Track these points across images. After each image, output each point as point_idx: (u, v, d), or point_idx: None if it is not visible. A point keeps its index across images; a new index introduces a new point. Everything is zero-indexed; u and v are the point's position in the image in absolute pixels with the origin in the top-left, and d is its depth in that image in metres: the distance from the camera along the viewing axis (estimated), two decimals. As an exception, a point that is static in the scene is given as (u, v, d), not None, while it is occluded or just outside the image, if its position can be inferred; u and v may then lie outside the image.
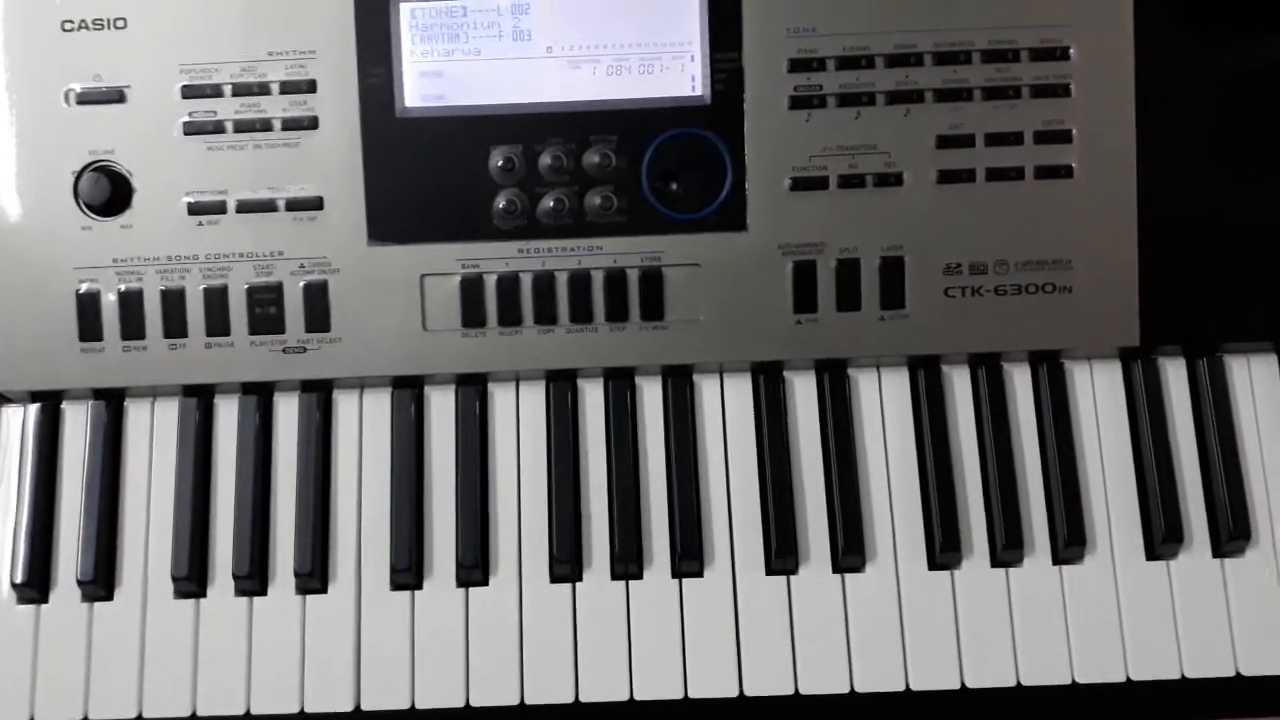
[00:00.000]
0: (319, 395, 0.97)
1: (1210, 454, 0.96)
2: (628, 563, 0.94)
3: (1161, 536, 0.93)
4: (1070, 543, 0.93)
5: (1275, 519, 0.95)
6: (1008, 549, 0.93)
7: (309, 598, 0.94)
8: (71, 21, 0.95)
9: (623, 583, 0.94)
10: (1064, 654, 0.92)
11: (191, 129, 0.95)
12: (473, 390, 0.97)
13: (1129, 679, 0.92)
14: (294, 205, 0.95)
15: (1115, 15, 0.94)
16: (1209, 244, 0.95)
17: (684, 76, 0.95)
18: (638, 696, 0.92)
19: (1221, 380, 0.97)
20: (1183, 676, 0.92)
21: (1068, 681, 0.92)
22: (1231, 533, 0.93)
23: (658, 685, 0.92)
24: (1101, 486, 0.96)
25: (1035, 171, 0.95)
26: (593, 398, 0.97)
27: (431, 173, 0.95)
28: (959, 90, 0.94)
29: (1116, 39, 0.94)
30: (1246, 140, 0.95)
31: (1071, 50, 0.95)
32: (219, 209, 0.95)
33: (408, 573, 0.93)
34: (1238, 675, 0.92)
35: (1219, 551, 0.94)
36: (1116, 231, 0.95)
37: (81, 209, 0.95)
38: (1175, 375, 0.98)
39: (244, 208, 0.95)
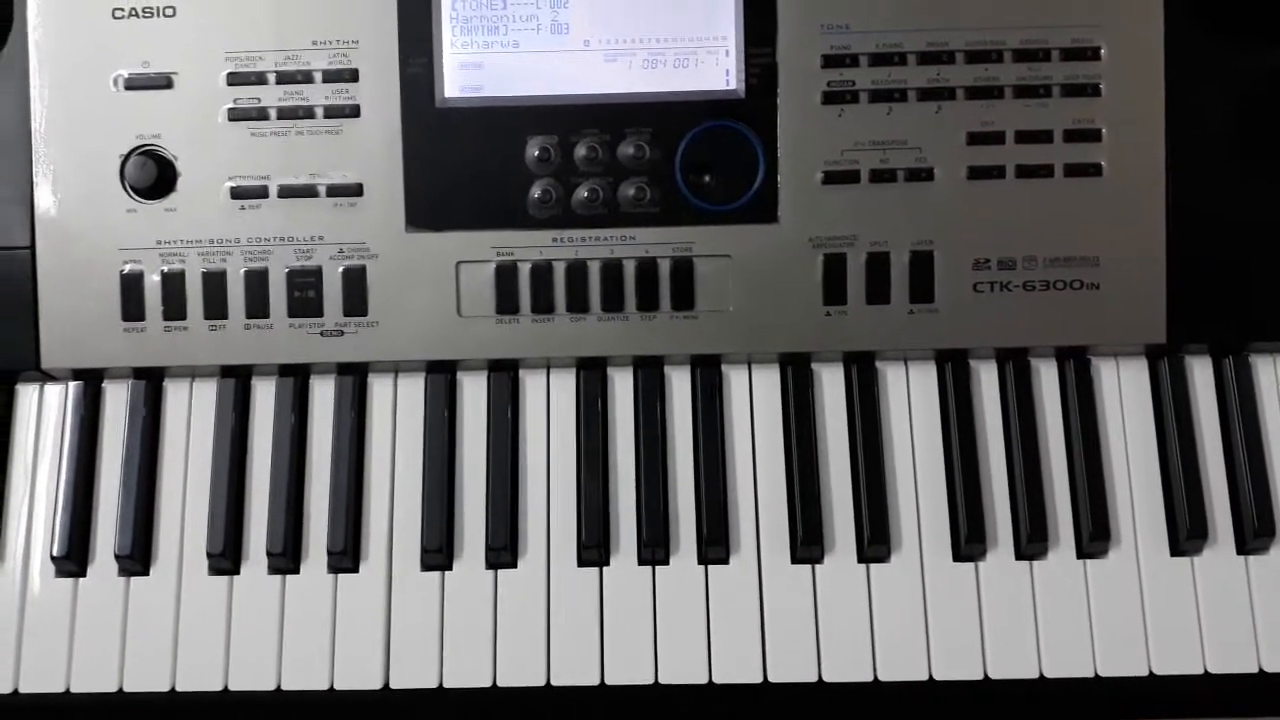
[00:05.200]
0: (355, 378, 0.98)
1: (1235, 452, 0.96)
2: (655, 548, 0.95)
3: (1186, 533, 0.94)
4: (1095, 537, 0.94)
5: (1300, 517, 0.96)
6: (1032, 542, 0.94)
7: (341, 576, 0.95)
8: (122, 9, 0.97)
9: (649, 568, 0.95)
10: (1087, 647, 0.93)
11: (236, 115, 0.97)
12: (505, 376, 0.98)
13: (1152, 673, 0.92)
14: (334, 191, 0.97)
15: (1146, 16, 0.95)
16: (1237, 244, 0.96)
17: (719, 71, 0.97)
18: (662, 680, 0.93)
19: (1247, 379, 0.97)
20: (1205, 671, 0.92)
21: (1090, 675, 0.92)
22: (1256, 530, 0.94)
23: (683, 670, 0.93)
24: (1126, 482, 0.96)
25: (1064, 169, 0.96)
26: (622, 385, 0.99)
27: (469, 162, 0.97)
28: (990, 88, 0.96)
29: (1147, 39, 0.96)
30: (1276, 140, 0.96)
31: (1102, 50, 0.96)
32: (261, 194, 0.97)
33: (438, 554, 0.95)
34: (1261, 672, 0.92)
35: (1243, 548, 0.95)
36: (1144, 230, 0.96)
37: (127, 192, 0.97)
38: (1201, 373, 0.98)
39: (285, 193, 0.97)
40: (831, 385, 0.99)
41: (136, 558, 0.95)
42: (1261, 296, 0.96)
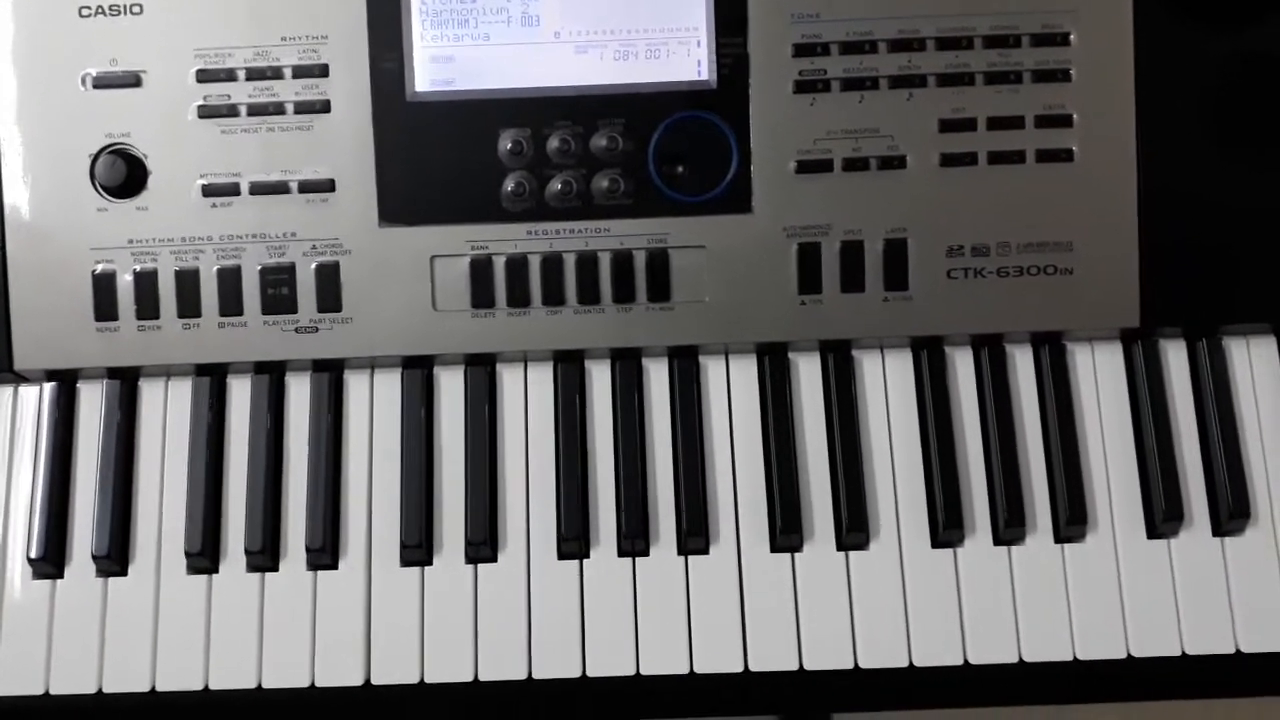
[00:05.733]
0: (330, 375, 0.98)
1: (1210, 434, 0.97)
2: (634, 540, 0.95)
3: (1162, 515, 0.94)
4: (1072, 521, 0.94)
5: (1275, 498, 0.96)
6: (1010, 527, 0.94)
7: (320, 573, 0.95)
8: (89, 7, 0.96)
9: (629, 560, 0.95)
10: (1066, 631, 0.93)
11: (206, 112, 0.96)
12: (482, 370, 0.98)
13: (1130, 655, 0.93)
14: (306, 187, 0.96)
15: (1115, 0, 0.95)
16: (1208, 227, 0.96)
17: (690, 61, 0.97)
18: (644, 672, 0.93)
19: (1221, 361, 0.98)
20: (1183, 653, 0.93)
21: (1069, 658, 0.93)
22: (1231, 511, 0.94)
23: (664, 661, 0.93)
24: (1103, 466, 0.97)
25: (1036, 155, 0.96)
26: (600, 378, 0.99)
27: (441, 156, 0.96)
28: (961, 75, 0.96)
29: (1116, 24, 0.96)
30: (1245, 123, 0.96)
31: (1072, 35, 0.96)
32: (232, 191, 0.96)
33: (418, 549, 0.94)
34: (1238, 652, 0.93)
35: (1219, 530, 0.95)
36: (1116, 214, 0.96)
37: (98, 191, 0.96)
38: (1175, 356, 0.99)
39: (257, 190, 0.96)
40: (808, 374, 0.99)
41: (114, 558, 0.95)
42: (1234, 278, 0.97)
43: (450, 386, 0.98)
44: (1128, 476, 0.96)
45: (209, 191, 0.96)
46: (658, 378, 0.99)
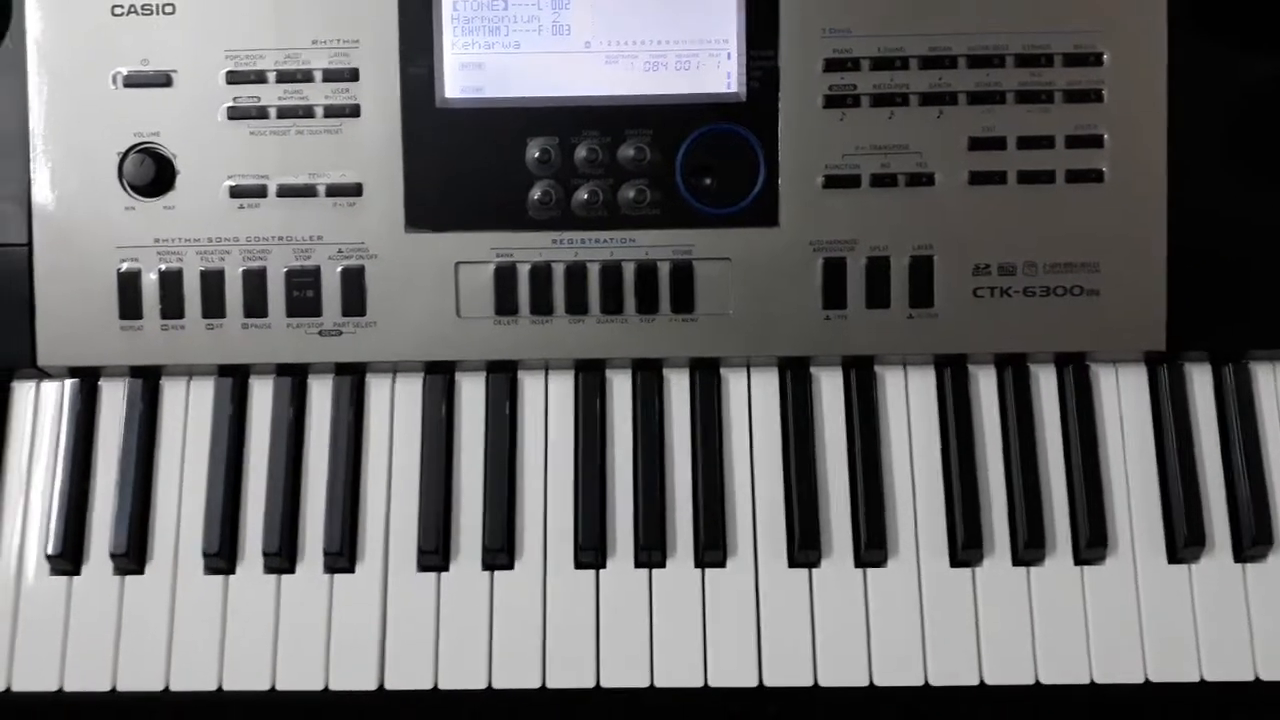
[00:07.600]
0: (353, 378, 0.98)
1: (1234, 459, 0.96)
2: (651, 551, 0.94)
3: (1184, 540, 0.94)
4: (1092, 543, 0.94)
5: (1298, 525, 0.96)
6: (1029, 548, 0.94)
7: (336, 577, 0.95)
8: (121, 6, 0.97)
9: (646, 571, 0.95)
10: (1083, 654, 0.92)
11: (235, 114, 0.96)
12: (503, 377, 0.98)
13: (1148, 680, 0.92)
14: (334, 191, 0.96)
15: (1149, 21, 0.95)
16: (1238, 251, 0.96)
17: (720, 74, 0.97)
18: (658, 683, 0.92)
19: (1247, 387, 0.97)
20: (1202, 680, 0.92)
21: (1086, 681, 0.92)
22: (1254, 537, 0.94)
23: (678, 673, 0.92)
24: (1124, 489, 0.96)
25: (1066, 175, 0.96)
26: (621, 388, 0.99)
27: (469, 162, 0.96)
28: (992, 93, 0.95)
29: (1150, 45, 0.95)
30: (1278, 147, 0.96)
31: (1105, 55, 0.95)
32: (260, 193, 0.96)
33: (435, 555, 0.94)
34: (1257, 680, 0.92)
35: (1241, 556, 0.95)
36: (1145, 237, 0.96)
37: (125, 189, 0.97)
38: (1201, 381, 0.98)
39: (284, 192, 0.96)
40: (830, 389, 0.98)
41: (131, 556, 0.95)
42: (1262, 303, 0.96)
43: (471, 393, 0.98)
44: (1149, 500, 0.96)
45: (236, 193, 0.96)
46: (679, 389, 0.99)
